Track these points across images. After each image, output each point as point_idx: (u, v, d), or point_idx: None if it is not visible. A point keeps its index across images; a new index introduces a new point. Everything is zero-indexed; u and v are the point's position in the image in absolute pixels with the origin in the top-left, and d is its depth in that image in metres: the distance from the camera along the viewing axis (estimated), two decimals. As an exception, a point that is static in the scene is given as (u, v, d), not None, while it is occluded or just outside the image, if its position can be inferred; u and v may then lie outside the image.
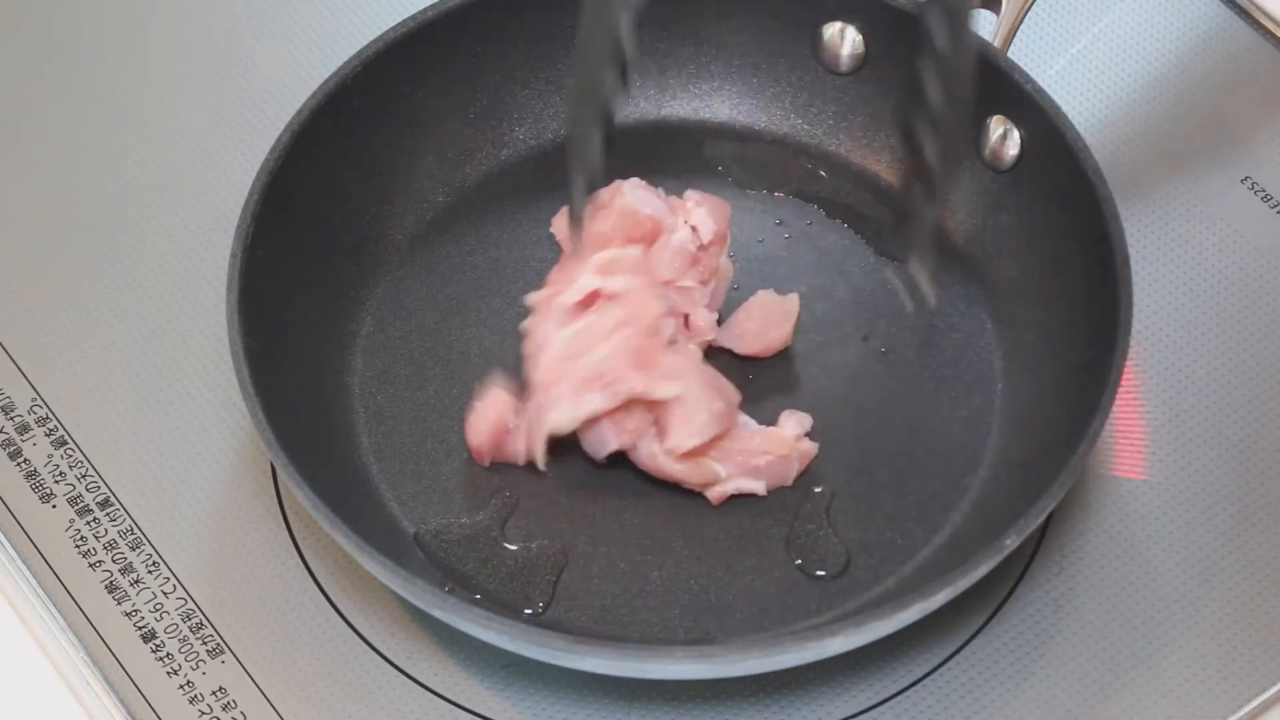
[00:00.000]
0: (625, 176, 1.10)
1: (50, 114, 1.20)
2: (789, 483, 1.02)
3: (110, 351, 1.10)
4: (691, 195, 1.07)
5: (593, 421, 1.01)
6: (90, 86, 1.21)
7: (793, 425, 1.02)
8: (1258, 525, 1.03)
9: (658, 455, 1.01)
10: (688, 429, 0.99)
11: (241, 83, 1.21)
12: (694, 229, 1.06)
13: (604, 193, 1.06)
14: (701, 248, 1.06)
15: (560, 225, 1.10)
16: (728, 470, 1.01)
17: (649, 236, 1.05)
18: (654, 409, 1.00)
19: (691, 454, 1.00)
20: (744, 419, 1.02)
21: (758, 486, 1.02)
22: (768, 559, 1.01)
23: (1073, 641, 0.99)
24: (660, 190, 1.08)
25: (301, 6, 1.24)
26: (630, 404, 1.00)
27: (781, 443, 1.02)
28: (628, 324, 1.00)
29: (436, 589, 0.93)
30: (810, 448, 1.02)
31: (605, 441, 1.01)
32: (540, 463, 1.02)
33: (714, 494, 1.02)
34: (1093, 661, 0.99)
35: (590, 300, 1.02)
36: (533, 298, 1.04)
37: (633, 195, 1.06)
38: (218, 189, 1.14)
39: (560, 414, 1.00)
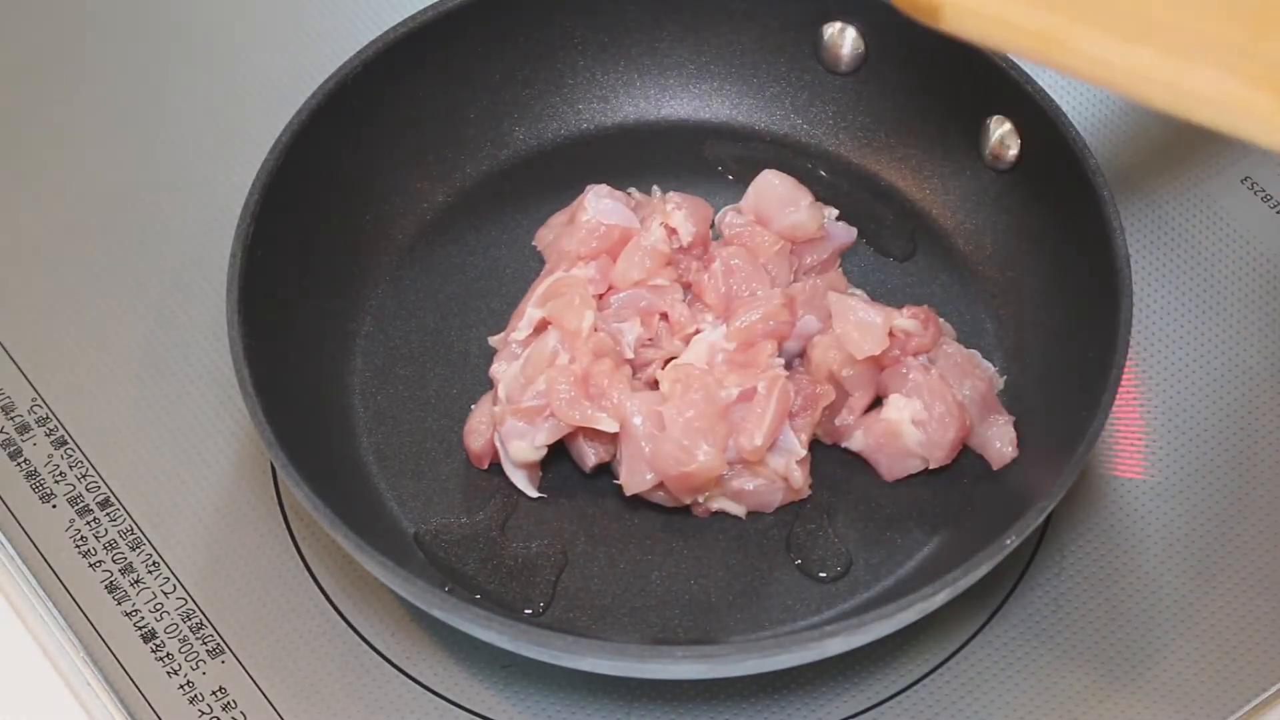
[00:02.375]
0: (625, 176, 1.10)
1: (50, 114, 1.20)
2: (769, 510, 1.02)
3: (110, 351, 1.10)
4: (672, 197, 1.07)
5: (571, 437, 1.01)
6: (90, 87, 1.21)
7: (780, 462, 1.01)
8: (1257, 525, 1.03)
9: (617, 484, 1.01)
10: (631, 476, 0.99)
11: (241, 83, 1.21)
12: (672, 230, 1.06)
13: (573, 205, 1.07)
14: (682, 249, 1.06)
15: (543, 238, 1.10)
16: (706, 494, 1.01)
17: (617, 247, 1.05)
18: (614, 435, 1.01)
19: (656, 488, 1.00)
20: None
21: (739, 510, 1.01)
22: (768, 559, 1.01)
23: (1073, 641, 0.99)
24: (633, 190, 1.09)
25: (301, 6, 1.24)
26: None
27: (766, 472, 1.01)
28: (564, 345, 1.01)
29: (436, 589, 0.93)
30: (798, 481, 1.01)
31: (584, 456, 1.01)
32: (528, 491, 1.02)
33: (697, 511, 1.02)
34: (1093, 661, 0.99)
35: (541, 327, 1.02)
36: (495, 340, 1.04)
37: (596, 207, 1.06)
38: (218, 189, 1.14)
39: (519, 447, 1.00)
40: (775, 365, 1.01)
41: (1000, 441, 1.02)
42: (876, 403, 1.03)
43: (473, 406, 1.04)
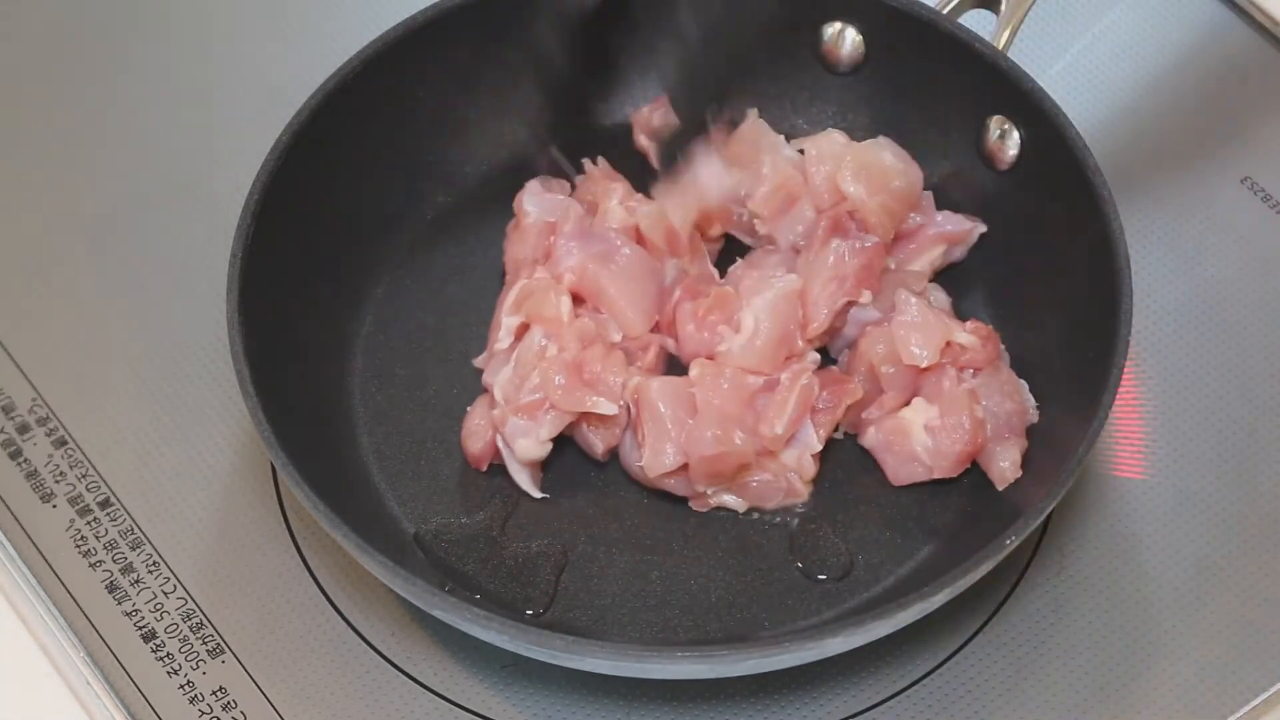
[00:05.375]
0: (625, 176, 1.10)
1: (51, 115, 1.20)
2: (767, 506, 1.02)
3: (110, 351, 1.10)
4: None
5: (574, 428, 1.01)
6: (91, 87, 1.21)
7: (793, 455, 1.02)
8: (1257, 525, 1.03)
9: (637, 467, 1.01)
10: (655, 458, 1.00)
11: (242, 83, 1.21)
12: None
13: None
14: None
15: (505, 251, 1.09)
16: (714, 488, 1.01)
17: None
18: (632, 418, 1.01)
19: (673, 473, 1.00)
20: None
21: (739, 505, 1.02)
22: (768, 559, 1.01)
23: (1073, 641, 0.99)
24: (592, 161, 1.10)
25: (301, 6, 1.24)
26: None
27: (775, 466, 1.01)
28: (549, 337, 1.01)
29: (436, 589, 0.93)
30: (809, 472, 1.01)
31: (592, 445, 1.02)
32: (531, 491, 1.02)
33: (696, 505, 1.02)
34: (1093, 661, 0.99)
35: (522, 331, 1.02)
36: (479, 361, 1.05)
37: (536, 207, 1.06)
38: (218, 189, 1.14)
39: (525, 444, 1.00)
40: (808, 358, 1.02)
41: (1005, 460, 1.01)
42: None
43: (468, 409, 1.04)
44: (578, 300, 1.03)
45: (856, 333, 1.04)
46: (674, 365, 1.04)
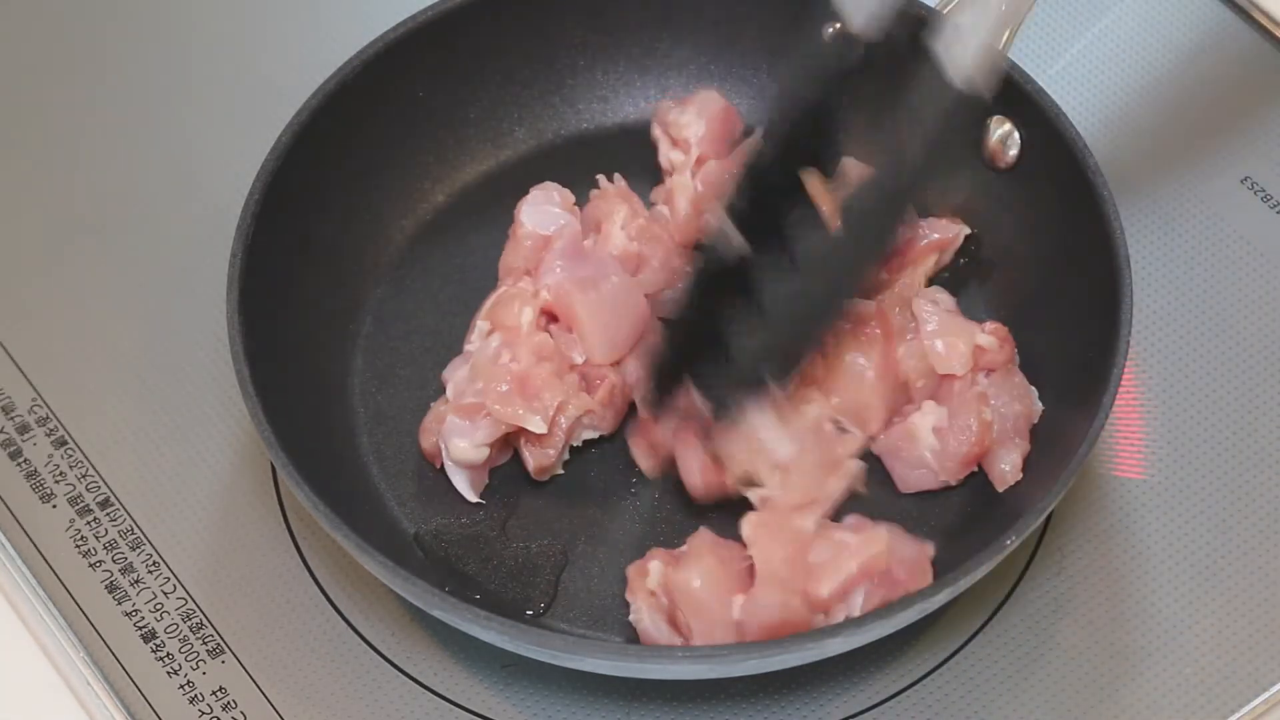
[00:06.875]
0: (626, 176, 1.10)
1: (51, 115, 1.20)
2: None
3: (110, 351, 1.10)
4: (680, 104, 1.09)
5: (514, 439, 1.01)
6: (90, 87, 1.21)
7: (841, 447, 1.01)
8: (1257, 525, 1.03)
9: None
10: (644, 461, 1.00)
11: (242, 83, 1.21)
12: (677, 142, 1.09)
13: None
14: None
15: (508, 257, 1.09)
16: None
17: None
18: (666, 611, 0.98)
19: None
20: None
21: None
22: (768, 559, 1.01)
23: (1073, 641, 0.99)
24: (609, 178, 1.09)
25: (301, 6, 1.24)
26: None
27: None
28: (505, 344, 1.01)
29: (436, 589, 0.93)
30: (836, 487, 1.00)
31: (525, 459, 1.01)
32: (467, 494, 1.02)
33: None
34: (1093, 661, 0.99)
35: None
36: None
37: (532, 218, 1.06)
38: (218, 189, 1.14)
39: (459, 445, 1.00)
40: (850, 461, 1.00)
41: (1007, 463, 1.01)
42: None
43: (431, 405, 1.04)
44: (555, 317, 1.03)
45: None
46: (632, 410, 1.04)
